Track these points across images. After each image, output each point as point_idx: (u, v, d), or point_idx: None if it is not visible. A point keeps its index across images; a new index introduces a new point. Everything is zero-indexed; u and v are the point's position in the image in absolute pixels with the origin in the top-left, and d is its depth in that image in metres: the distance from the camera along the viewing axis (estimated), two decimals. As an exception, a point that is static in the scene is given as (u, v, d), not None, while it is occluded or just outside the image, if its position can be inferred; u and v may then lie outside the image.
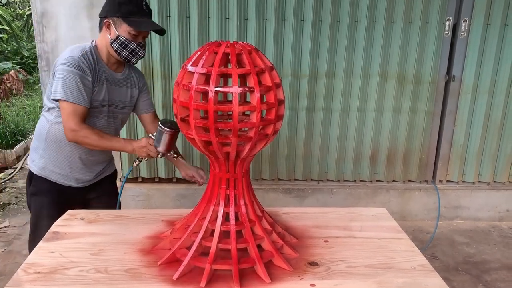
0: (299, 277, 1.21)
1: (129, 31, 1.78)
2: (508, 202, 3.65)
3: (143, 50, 1.86)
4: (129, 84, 1.97)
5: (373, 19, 3.18)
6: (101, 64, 1.85)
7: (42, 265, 1.23)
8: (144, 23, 1.81)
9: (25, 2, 11.43)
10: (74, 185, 1.96)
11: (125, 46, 1.80)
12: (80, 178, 1.97)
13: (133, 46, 1.81)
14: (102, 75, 1.84)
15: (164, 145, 1.77)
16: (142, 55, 1.86)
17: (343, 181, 3.58)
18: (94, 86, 1.81)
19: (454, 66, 3.34)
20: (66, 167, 1.92)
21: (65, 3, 3.07)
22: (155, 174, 3.45)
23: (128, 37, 1.79)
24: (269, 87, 1.15)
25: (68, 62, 1.73)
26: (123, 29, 1.78)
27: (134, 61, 1.87)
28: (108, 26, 1.81)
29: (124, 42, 1.79)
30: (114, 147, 1.85)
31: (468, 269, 2.97)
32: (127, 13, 1.77)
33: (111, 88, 1.89)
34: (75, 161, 1.93)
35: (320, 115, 3.37)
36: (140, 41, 1.83)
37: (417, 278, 1.22)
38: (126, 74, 1.96)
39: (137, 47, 1.82)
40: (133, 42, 1.80)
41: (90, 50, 1.82)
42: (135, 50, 1.83)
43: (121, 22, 1.78)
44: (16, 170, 4.66)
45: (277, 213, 1.61)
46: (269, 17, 3.13)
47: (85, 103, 1.76)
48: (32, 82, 8.74)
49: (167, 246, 1.32)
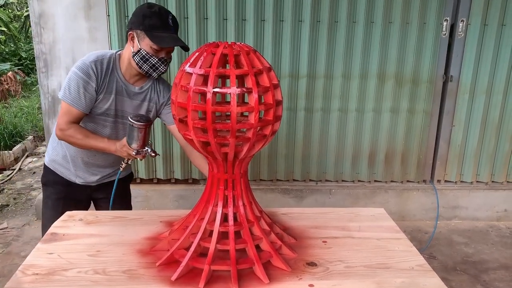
0: (297, 278, 1.21)
1: (151, 46, 1.74)
2: (506, 202, 3.66)
3: (165, 65, 1.80)
4: (147, 98, 1.92)
5: (371, 19, 3.18)
6: (115, 74, 1.83)
7: (40, 267, 1.23)
8: (166, 38, 1.75)
9: (23, 3, 11.41)
10: (79, 182, 1.99)
11: (146, 60, 1.77)
12: (84, 177, 1.99)
13: (154, 61, 1.77)
14: (113, 84, 1.82)
15: (137, 141, 1.71)
16: (162, 70, 1.81)
17: (341, 181, 3.58)
18: (99, 93, 1.80)
19: (452, 66, 3.35)
20: (71, 164, 1.97)
21: (63, 4, 3.07)
22: (153, 175, 3.44)
23: (150, 52, 1.75)
24: (267, 88, 1.15)
25: (78, 65, 1.77)
26: (145, 43, 1.74)
27: (155, 75, 1.82)
28: (132, 38, 1.78)
29: (145, 56, 1.76)
30: (98, 146, 1.83)
31: (466, 269, 2.98)
32: (150, 27, 1.73)
33: (122, 99, 1.86)
34: (78, 162, 1.96)
35: (318, 115, 3.37)
36: (162, 56, 1.77)
37: (415, 278, 1.23)
38: (146, 88, 1.91)
39: (158, 62, 1.77)
40: (154, 56, 1.76)
41: (109, 58, 1.81)
42: (156, 65, 1.78)
43: (144, 36, 1.74)
44: (14, 172, 4.65)
45: (276, 213, 1.61)
46: (267, 18, 3.14)
47: (81, 107, 1.77)
48: (30, 83, 8.72)
49: (165, 247, 1.32)
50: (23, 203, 3.92)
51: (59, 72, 3.19)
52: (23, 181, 4.44)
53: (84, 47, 3.13)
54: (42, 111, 3.33)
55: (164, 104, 1.98)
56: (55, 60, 3.17)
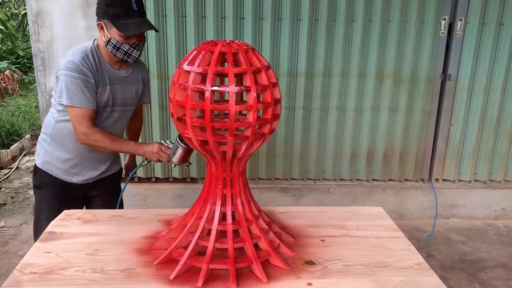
0: (296, 276, 1.21)
1: (119, 34, 1.73)
2: (504, 201, 3.66)
3: (137, 50, 1.81)
4: (134, 81, 1.96)
5: (369, 18, 3.18)
6: (103, 64, 1.84)
7: (38, 265, 1.22)
8: (131, 25, 1.73)
9: (20, 2, 11.38)
10: (75, 181, 1.98)
11: (118, 48, 1.77)
12: (82, 175, 1.98)
13: (125, 48, 1.77)
14: (105, 76, 1.83)
15: (179, 158, 1.82)
16: (136, 55, 1.82)
17: (339, 180, 3.59)
18: (98, 87, 1.80)
19: (450, 65, 3.35)
20: (68, 163, 1.94)
21: (60, 2, 3.06)
22: (151, 174, 3.44)
23: (120, 39, 1.74)
24: (266, 86, 1.15)
25: (69, 67, 1.74)
26: (114, 32, 1.74)
27: (131, 61, 1.84)
28: (101, 28, 1.78)
29: (116, 45, 1.76)
30: (125, 150, 1.89)
31: (464, 267, 2.99)
32: (114, 16, 1.72)
33: (115, 87, 1.87)
34: (78, 159, 1.94)
35: (316, 114, 3.37)
36: (133, 42, 1.77)
37: (413, 277, 1.23)
38: (131, 71, 1.94)
39: (130, 48, 1.78)
40: (125, 44, 1.76)
41: (91, 51, 1.81)
42: (128, 51, 1.79)
43: (110, 25, 1.74)
44: (12, 170, 4.64)
45: (274, 212, 1.61)
46: (265, 16, 3.13)
47: (91, 106, 1.78)
48: (28, 81, 8.70)
49: (163, 246, 1.32)
50: (21, 202, 3.91)
51: (56, 71, 3.18)
52: (20, 180, 4.43)
53: (82, 46, 3.11)
54: (40, 110, 3.33)
55: (146, 82, 2.03)
56: (52, 58, 3.16)
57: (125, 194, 2.30)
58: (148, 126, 3.28)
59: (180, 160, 1.83)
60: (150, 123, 3.28)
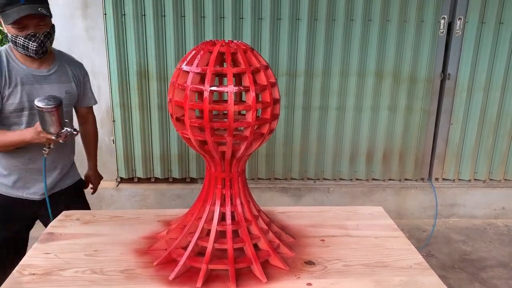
0: (295, 276, 1.20)
1: (11, 26, 1.55)
2: (503, 200, 3.66)
3: (34, 41, 1.61)
4: (61, 79, 1.79)
5: (369, 17, 3.18)
6: (15, 63, 1.69)
7: (37, 267, 1.22)
8: (14, 13, 1.53)
9: (19, 2, 11.35)
10: (26, 196, 1.82)
11: (15, 43, 1.61)
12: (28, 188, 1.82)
13: (21, 41, 1.59)
14: (16, 76, 1.67)
15: (52, 124, 1.57)
16: (33, 47, 1.61)
17: (339, 179, 3.59)
18: (3, 89, 1.65)
19: (450, 64, 3.35)
20: (10, 179, 1.79)
21: (59, 3, 3.05)
22: (151, 174, 3.44)
23: (14, 33, 1.57)
24: (265, 86, 1.15)
25: None
26: (7, 26, 1.58)
27: (37, 56, 1.66)
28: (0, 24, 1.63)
29: (14, 40, 1.60)
30: (13, 141, 1.66)
31: (464, 266, 2.98)
32: (1, 7, 1.55)
33: (31, 88, 1.70)
34: (16, 173, 1.79)
35: (316, 113, 3.37)
36: (29, 33, 1.58)
37: (413, 276, 1.22)
38: (56, 69, 1.77)
39: (26, 41, 1.59)
40: (20, 36, 1.58)
41: (3, 51, 1.68)
42: (25, 44, 1.60)
43: (1, 19, 1.58)
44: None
45: (273, 212, 1.61)
46: (264, 16, 3.13)
47: None
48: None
49: (163, 247, 1.31)
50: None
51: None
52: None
53: (81, 46, 3.11)
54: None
55: (81, 81, 1.88)
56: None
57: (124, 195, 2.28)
58: (148, 127, 3.28)
59: (56, 126, 1.56)
60: (149, 124, 3.27)
